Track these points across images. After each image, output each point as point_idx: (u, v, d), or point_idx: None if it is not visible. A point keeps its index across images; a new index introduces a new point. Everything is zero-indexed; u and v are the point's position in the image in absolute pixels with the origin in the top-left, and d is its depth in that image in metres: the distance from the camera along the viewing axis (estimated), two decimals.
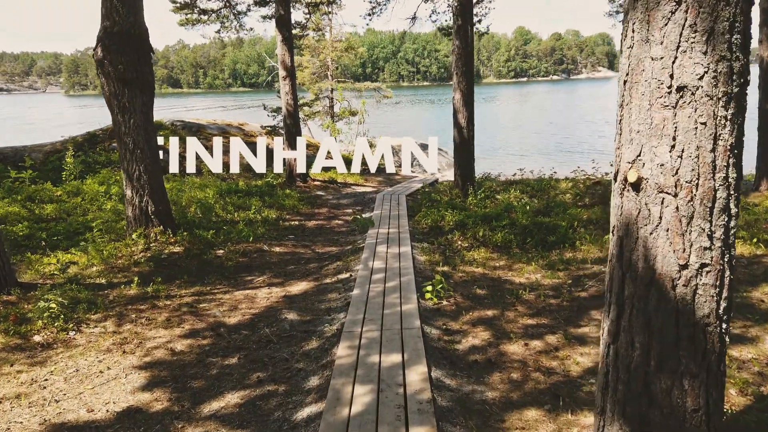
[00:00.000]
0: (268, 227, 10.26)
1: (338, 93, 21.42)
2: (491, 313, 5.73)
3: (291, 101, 14.01)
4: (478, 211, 10.36)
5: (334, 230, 10.53)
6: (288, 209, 12.05)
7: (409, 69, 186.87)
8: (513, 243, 8.45)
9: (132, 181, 7.96)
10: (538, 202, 11.40)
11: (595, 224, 9.31)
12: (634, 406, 2.42)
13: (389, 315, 5.45)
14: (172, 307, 5.96)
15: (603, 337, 2.63)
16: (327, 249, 8.91)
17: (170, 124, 17.55)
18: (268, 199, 12.44)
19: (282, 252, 8.55)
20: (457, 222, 9.74)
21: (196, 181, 13.99)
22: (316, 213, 12.11)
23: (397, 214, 11.24)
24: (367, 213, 11.90)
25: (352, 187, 15.56)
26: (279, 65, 13.79)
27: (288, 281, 7.10)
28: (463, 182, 12.37)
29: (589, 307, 5.88)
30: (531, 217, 9.44)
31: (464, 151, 12.26)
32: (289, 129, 14.26)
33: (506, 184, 14.23)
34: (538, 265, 7.44)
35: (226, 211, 11.15)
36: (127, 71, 7.55)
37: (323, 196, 13.82)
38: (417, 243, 8.86)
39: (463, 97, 11.95)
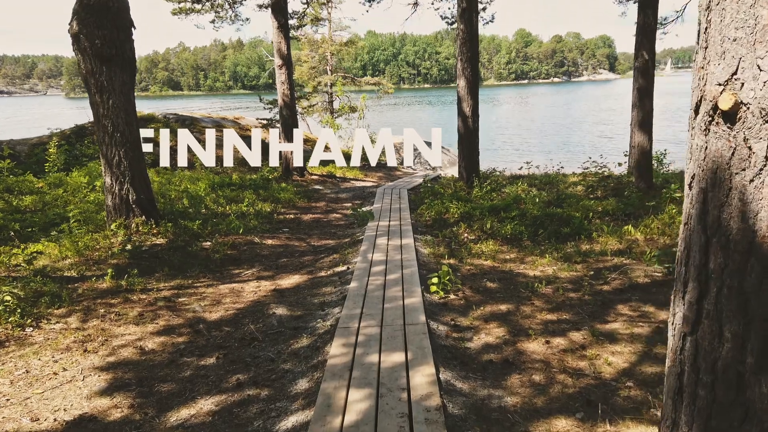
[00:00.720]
0: (261, 220, 9.64)
1: (337, 88, 20.82)
2: (505, 308, 5.09)
3: (287, 91, 13.40)
4: (485, 203, 9.73)
5: (332, 223, 9.90)
6: (283, 203, 11.42)
7: (409, 71, 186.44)
8: (524, 235, 7.82)
9: (111, 168, 7.34)
10: (548, 194, 10.77)
11: (611, 216, 8.67)
12: (723, 418, 1.79)
13: (390, 309, 4.82)
14: (147, 301, 5.32)
15: (674, 326, 1.99)
16: (323, 242, 8.28)
17: (162, 116, 16.95)
18: (262, 193, 11.82)
19: (274, 245, 7.92)
20: (462, 214, 9.11)
21: (188, 174, 13.38)
22: (313, 207, 11.48)
23: (398, 207, 10.61)
24: (367, 206, 11.27)
25: (351, 181, 14.94)
26: (275, 53, 13.19)
27: (279, 274, 6.46)
28: (467, 174, 11.74)
29: (614, 301, 5.24)
30: (542, 208, 8.80)
31: (469, 142, 11.64)
32: (286, 120, 13.64)
33: (512, 178, 13.61)
34: (553, 258, 6.80)
35: (218, 204, 10.53)
36: (105, 47, 6.94)
37: (321, 190, 13.19)
38: (420, 235, 8.24)
39: (468, 84, 11.33)
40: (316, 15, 20.34)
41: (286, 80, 13.33)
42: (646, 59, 10.63)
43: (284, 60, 13.20)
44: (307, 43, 22.83)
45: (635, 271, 6.11)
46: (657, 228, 7.61)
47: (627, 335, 4.40)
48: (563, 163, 15.59)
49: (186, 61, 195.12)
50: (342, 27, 22.92)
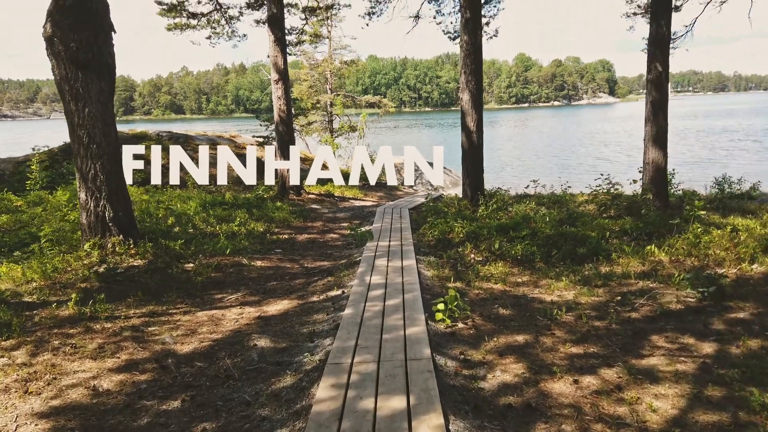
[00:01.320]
0: (253, 240, 9.01)
1: (338, 105, 20.40)
2: (522, 339, 4.42)
3: (284, 107, 12.90)
4: (491, 222, 9.09)
5: (328, 244, 9.26)
6: (278, 222, 10.80)
7: (410, 95, 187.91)
8: (536, 256, 7.16)
9: (86, 182, 6.74)
10: (558, 213, 10.14)
11: (629, 235, 8.02)
12: None
13: (390, 341, 4.15)
14: (111, 331, 4.66)
15: None
16: (317, 263, 7.63)
17: (156, 134, 16.47)
18: (256, 212, 11.21)
19: (264, 266, 7.26)
20: (468, 233, 8.46)
21: (179, 193, 12.82)
22: (309, 226, 10.85)
23: (399, 227, 9.98)
24: (366, 226, 10.64)
25: (350, 200, 14.34)
26: (271, 68, 12.74)
27: (266, 299, 5.79)
28: (472, 192, 11.13)
29: (646, 331, 4.56)
30: (555, 227, 8.16)
31: (473, 158, 11.06)
32: (282, 137, 13.11)
33: (518, 197, 12.99)
34: (570, 281, 6.14)
35: (207, 224, 9.91)
36: (81, 51, 6.41)
37: (318, 210, 12.58)
38: (423, 257, 7.59)
39: (472, 97, 10.81)
40: (316, 32, 20.05)
41: (282, 95, 12.84)
42: (659, 71, 10.12)
43: (281, 75, 12.73)
44: (307, 61, 22.51)
45: (665, 295, 5.44)
46: (683, 248, 6.95)
47: (669, 373, 3.72)
48: (567, 184, 14.93)
49: (189, 85, 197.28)
50: (342, 45, 22.70)
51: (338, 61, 22.89)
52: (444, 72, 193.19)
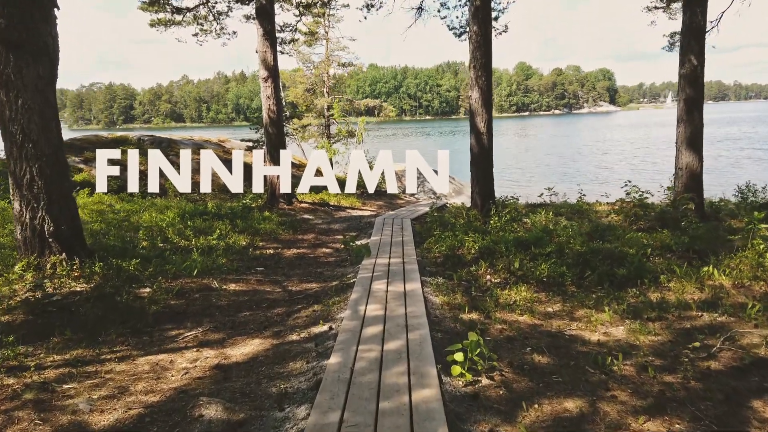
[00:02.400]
0: (232, 256, 7.80)
1: (335, 109, 19.22)
2: (573, 407, 3.18)
3: (273, 107, 11.73)
4: (507, 235, 7.87)
5: (319, 260, 8.04)
6: (264, 235, 9.59)
7: (411, 103, 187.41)
8: (566, 278, 5.93)
9: (21, 189, 5.54)
10: (581, 225, 8.92)
11: (673, 252, 6.79)
12: None
13: (389, 415, 2.91)
14: (9, 391, 3.42)
15: None
16: (304, 286, 6.40)
17: (136, 138, 15.31)
18: (240, 223, 10.00)
19: (238, 291, 6.03)
20: (481, 249, 7.24)
21: (158, 202, 11.63)
22: (299, 240, 9.64)
23: (400, 241, 8.77)
24: (363, 239, 9.43)
25: (346, 210, 13.13)
26: (259, 64, 11.59)
27: (232, 338, 4.56)
28: (482, 201, 9.92)
29: (740, 392, 3.33)
30: (585, 243, 6.94)
31: (483, 163, 9.86)
32: (272, 140, 11.93)
33: (531, 207, 11.78)
34: (615, 312, 4.91)
35: (182, 237, 8.71)
36: (13, 29, 5.23)
37: (311, 221, 11.37)
38: (429, 278, 6.37)
39: (482, 95, 9.63)
40: (311, 29, 18.93)
41: (272, 94, 11.67)
42: (694, 65, 8.95)
43: (270, 72, 11.57)
44: (303, 63, 21.44)
45: (745, 335, 4.21)
46: (746, 271, 5.72)
47: None
48: (582, 192, 13.68)
49: (189, 94, 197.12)
50: (340, 47, 21.56)
51: (336, 63, 21.79)
52: (444, 81, 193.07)
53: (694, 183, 9.13)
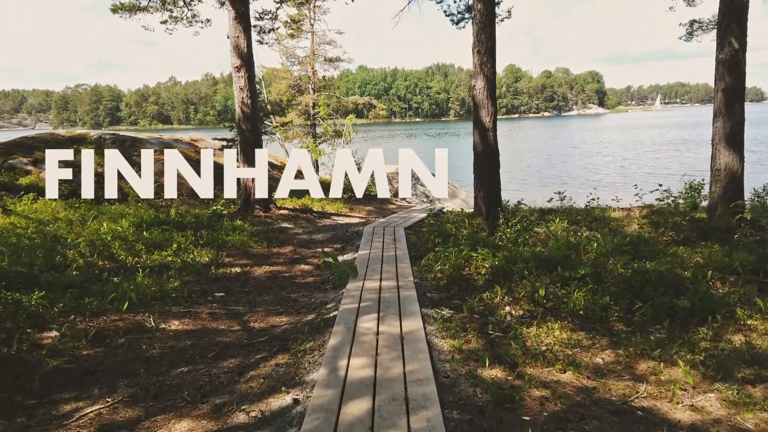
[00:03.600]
0: (189, 277, 6.38)
1: (321, 107, 17.80)
2: None
3: (247, 100, 10.28)
4: (522, 250, 6.50)
5: (295, 281, 6.62)
6: (232, 249, 8.14)
7: (401, 105, 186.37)
8: (611, 312, 4.56)
9: None
10: (604, 235, 7.58)
11: (737, 275, 5.44)
12: None
13: None
14: None
15: None
16: (271, 321, 4.98)
17: (96, 137, 13.78)
18: (205, 234, 8.55)
19: (181, 331, 4.58)
20: (494, 269, 5.86)
21: (115, 209, 10.14)
22: (274, 254, 8.20)
23: (393, 255, 7.38)
24: (349, 253, 8.01)
25: (331, 217, 11.69)
26: (231, 51, 10.15)
27: (151, 417, 3.12)
28: (487, 207, 8.54)
29: None
30: (624, 263, 5.57)
31: (488, 163, 8.49)
32: (246, 138, 10.47)
33: (541, 213, 10.43)
34: (691, 366, 3.55)
35: (131, 253, 7.26)
36: None
37: (290, 230, 9.92)
38: (431, 309, 4.98)
39: (488, 84, 8.27)
40: (293, 17, 17.43)
41: (246, 86, 10.22)
42: (735, 49, 7.66)
43: (243, 59, 10.12)
44: (286, 57, 19.94)
45: None
46: None
47: None
48: (592, 195, 12.32)
49: (176, 95, 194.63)
50: (327, 41, 20.10)
51: (322, 59, 20.35)
52: (434, 83, 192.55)
53: (735, 186, 7.85)
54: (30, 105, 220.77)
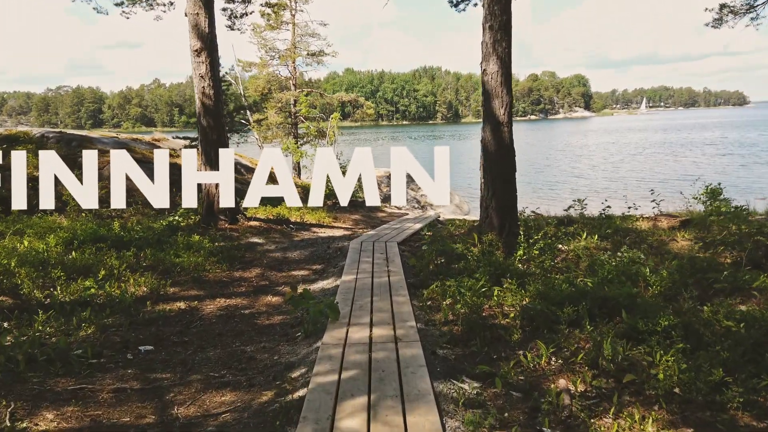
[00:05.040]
0: (111, 319, 4.72)
1: (303, 104, 16.11)
2: None
3: (209, 90, 8.58)
4: (561, 282, 4.88)
5: (256, 323, 4.95)
6: (182, 273, 6.44)
7: (388, 108, 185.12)
8: (728, 392, 2.96)
9: None
10: (647, 255, 6.02)
11: None
12: None
13: None
14: None
15: None
16: (205, 404, 3.30)
17: (38, 135, 11.97)
18: (149, 253, 6.83)
19: (58, 429, 2.88)
20: (526, 312, 4.24)
21: (44, 222, 8.38)
22: (237, 280, 6.51)
23: (386, 282, 5.74)
24: (330, 278, 6.35)
25: (311, 229, 10.01)
26: (189, 32, 8.45)
27: None
28: (501, 219, 6.92)
29: None
30: (725, 309, 3.96)
31: (502, 165, 6.89)
32: (207, 136, 8.77)
33: (558, 223, 8.85)
34: None
35: (42, 284, 5.54)
36: None
37: (260, 246, 8.23)
38: (447, 382, 3.34)
39: (502, 68, 6.67)
40: (269, 2, 15.67)
41: (207, 73, 8.52)
42: None
43: (205, 42, 8.42)
44: (265, 50, 18.19)
45: None
46: None
47: None
48: (606, 203, 10.71)
49: (160, 98, 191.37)
50: (310, 33, 18.44)
51: (305, 52, 18.66)
52: (421, 86, 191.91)
53: None
54: (10, 107, 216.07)
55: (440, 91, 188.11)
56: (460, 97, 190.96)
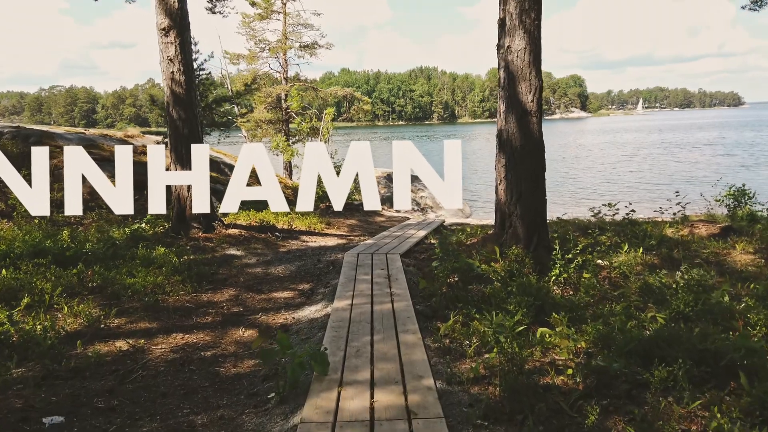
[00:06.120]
0: (14, 372, 3.43)
1: (294, 99, 14.84)
2: None
3: (180, 76, 7.32)
4: (621, 319, 3.65)
5: (219, 374, 3.70)
6: (135, 297, 5.17)
7: (384, 108, 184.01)
8: None
9: None
10: (707, 273, 4.79)
11: None
12: None
13: None
14: None
15: None
16: None
17: None
18: (98, 272, 5.56)
19: None
20: (590, 368, 3.00)
21: None
22: (204, 305, 5.25)
23: (389, 312, 4.51)
24: (319, 304, 5.09)
25: (300, 237, 8.75)
26: (156, 6, 7.18)
27: None
28: (528, 231, 5.68)
29: None
30: None
31: (530, 163, 5.65)
32: (177, 130, 7.50)
33: (582, 230, 7.62)
34: None
35: None
36: None
37: (238, 260, 6.97)
38: None
39: (531, 43, 5.45)
40: None
41: (177, 56, 7.26)
42: None
43: (174, 19, 7.16)
44: (254, 41, 16.88)
45: None
46: None
47: None
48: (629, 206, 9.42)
49: (155, 98, 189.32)
50: (302, 22, 17.16)
51: (298, 44, 17.41)
52: (417, 86, 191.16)
53: None
54: (3, 107, 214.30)
55: (436, 91, 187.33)
56: (456, 98, 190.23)
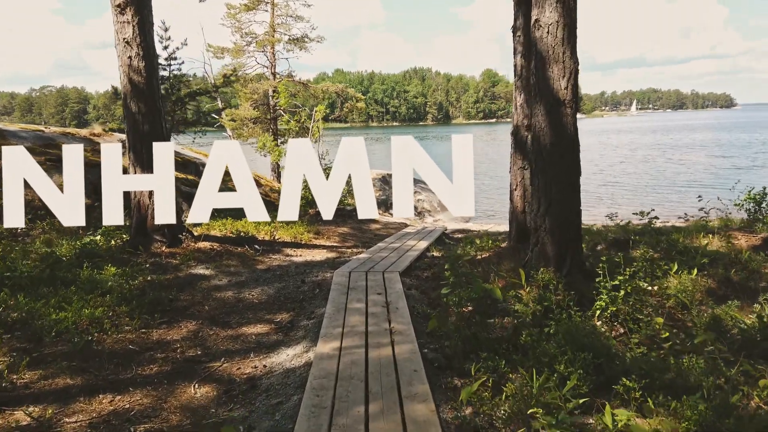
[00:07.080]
0: None
1: (282, 95, 13.71)
2: None
3: (139, 62, 6.18)
4: (730, 393, 2.56)
5: None
6: (62, 338, 4.02)
7: (378, 109, 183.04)
8: None
9: None
10: None
11: None
12: None
13: None
14: None
15: None
16: None
17: None
18: (22, 302, 4.40)
19: None
20: None
21: None
22: (151, 347, 4.11)
23: (389, 362, 3.41)
24: (299, 344, 3.97)
25: (284, 250, 7.61)
26: None
27: None
28: (559, 248, 4.57)
29: None
30: None
31: (563, 164, 4.56)
32: (137, 125, 6.36)
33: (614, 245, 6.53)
34: None
35: None
36: None
37: (206, 281, 5.83)
38: None
39: (566, 15, 4.35)
40: None
41: (136, 38, 6.12)
42: None
43: None
44: (240, 34, 15.68)
45: None
46: None
47: None
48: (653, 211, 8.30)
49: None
50: (291, 14, 16.00)
51: (287, 36, 16.27)
52: (411, 87, 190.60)
53: None
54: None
55: (431, 92, 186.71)
56: (451, 99, 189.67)
